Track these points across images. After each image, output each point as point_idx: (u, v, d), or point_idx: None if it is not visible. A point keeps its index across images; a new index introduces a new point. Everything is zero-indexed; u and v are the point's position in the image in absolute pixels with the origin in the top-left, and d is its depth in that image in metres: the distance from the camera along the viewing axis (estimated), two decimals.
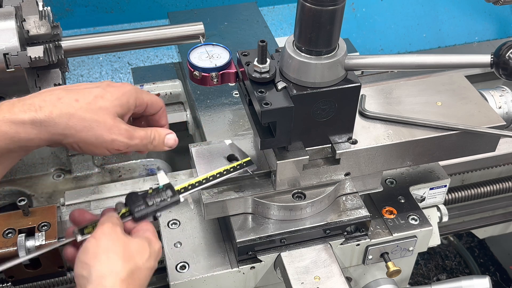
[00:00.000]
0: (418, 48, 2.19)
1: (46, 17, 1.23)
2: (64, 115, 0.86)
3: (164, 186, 1.00)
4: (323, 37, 0.98)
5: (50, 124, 0.85)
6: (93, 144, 0.89)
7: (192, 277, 1.12)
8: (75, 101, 0.87)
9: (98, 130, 0.88)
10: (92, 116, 0.88)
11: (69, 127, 0.86)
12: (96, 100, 0.89)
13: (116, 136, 0.90)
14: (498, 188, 1.69)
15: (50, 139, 0.86)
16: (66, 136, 0.87)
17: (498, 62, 0.97)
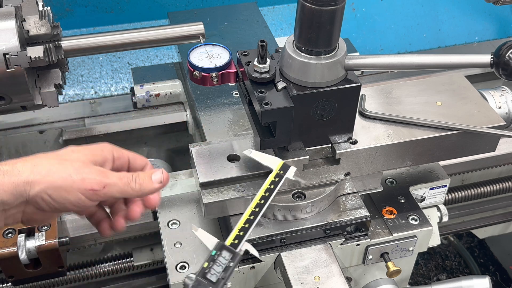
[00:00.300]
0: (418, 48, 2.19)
1: (46, 17, 1.22)
2: (28, 164, 0.81)
3: (216, 251, 0.92)
4: (323, 37, 0.98)
5: (13, 173, 0.80)
6: (63, 187, 0.81)
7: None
8: (43, 156, 0.84)
9: (65, 171, 0.82)
10: (59, 161, 0.83)
11: (33, 173, 0.80)
12: (66, 152, 0.86)
13: (86, 174, 0.83)
14: (498, 188, 1.69)
15: (14, 191, 0.79)
16: (31, 184, 0.80)
17: (498, 62, 0.97)
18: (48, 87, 1.26)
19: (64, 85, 1.32)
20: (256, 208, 0.98)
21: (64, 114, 1.70)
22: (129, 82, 1.97)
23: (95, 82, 1.92)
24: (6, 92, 1.20)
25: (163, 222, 1.23)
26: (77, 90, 1.90)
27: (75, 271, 1.43)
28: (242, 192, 1.12)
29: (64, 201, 0.83)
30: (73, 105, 1.79)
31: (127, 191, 0.88)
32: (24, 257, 1.24)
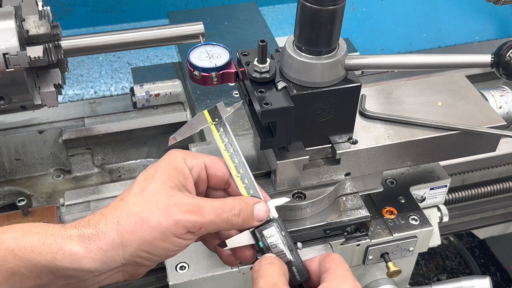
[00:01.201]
0: (419, 48, 2.18)
1: (45, 17, 1.22)
2: (111, 222, 0.73)
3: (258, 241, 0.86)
4: (323, 37, 0.97)
5: (99, 237, 0.72)
6: (158, 238, 0.74)
7: (191, 277, 1.12)
8: (119, 200, 0.76)
9: (153, 219, 0.73)
10: (142, 206, 0.73)
11: (120, 232, 0.72)
12: (141, 186, 0.76)
13: (177, 215, 0.74)
14: (498, 188, 1.69)
15: (105, 259, 0.72)
16: (122, 247, 0.72)
17: (498, 62, 0.97)
18: (48, 87, 1.26)
19: (63, 85, 1.32)
20: (234, 159, 0.91)
21: (64, 114, 1.70)
22: (129, 82, 1.97)
23: (95, 82, 1.92)
24: (5, 92, 1.19)
25: None
26: (77, 90, 1.90)
27: None
28: None
29: (166, 251, 0.78)
30: (73, 105, 1.79)
31: (228, 228, 0.81)
32: None
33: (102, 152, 1.69)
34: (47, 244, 0.70)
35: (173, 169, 0.79)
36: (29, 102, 1.24)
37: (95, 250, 0.72)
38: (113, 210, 0.75)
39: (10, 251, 0.70)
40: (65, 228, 0.73)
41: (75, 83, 1.91)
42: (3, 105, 1.22)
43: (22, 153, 1.62)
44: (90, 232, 0.72)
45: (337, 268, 0.79)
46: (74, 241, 0.71)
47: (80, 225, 0.74)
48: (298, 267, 0.83)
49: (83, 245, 0.71)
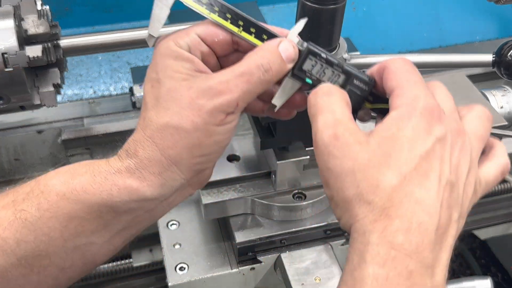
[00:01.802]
0: (419, 48, 2.17)
1: (45, 16, 1.22)
2: (145, 144, 0.68)
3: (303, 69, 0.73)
4: (323, 36, 0.97)
5: (145, 164, 0.68)
6: (201, 138, 0.67)
7: (191, 278, 1.11)
8: (143, 120, 0.70)
9: (185, 122, 0.66)
10: (165, 114, 0.66)
11: (162, 151, 0.67)
12: (155, 93, 0.68)
13: (207, 106, 0.66)
14: (500, 188, 1.69)
15: (160, 183, 0.68)
16: (175, 163, 0.68)
17: (499, 62, 0.97)
18: (47, 87, 1.25)
19: (63, 84, 1.32)
20: (226, 15, 0.74)
21: (63, 114, 1.69)
22: (128, 82, 1.96)
23: (94, 82, 1.91)
24: (4, 92, 1.19)
25: (162, 222, 1.22)
26: (76, 89, 1.89)
27: None
28: (242, 192, 1.11)
29: (216, 144, 0.70)
30: (72, 105, 1.78)
31: (263, 88, 0.70)
32: None
33: (101, 152, 1.69)
34: (98, 182, 0.67)
35: (173, 59, 0.69)
36: (28, 102, 1.24)
37: (148, 177, 0.67)
38: (143, 132, 0.69)
39: (62, 196, 0.66)
40: (110, 163, 0.69)
41: (74, 83, 1.91)
42: (2, 105, 1.21)
43: (21, 153, 1.61)
44: (136, 162, 0.68)
45: (404, 87, 0.66)
46: (124, 175, 0.67)
47: (122, 157, 0.69)
48: (359, 77, 0.73)
49: (135, 176, 0.67)
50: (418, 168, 0.62)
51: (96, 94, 1.90)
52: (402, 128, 0.63)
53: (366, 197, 0.61)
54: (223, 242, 1.19)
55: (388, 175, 0.61)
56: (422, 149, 0.62)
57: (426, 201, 0.62)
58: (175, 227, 1.22)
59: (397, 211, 0.60)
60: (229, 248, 1.18)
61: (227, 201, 1.10)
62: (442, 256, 0.66)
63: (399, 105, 0.65)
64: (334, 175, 0.64)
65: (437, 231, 0.63)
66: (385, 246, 0.59)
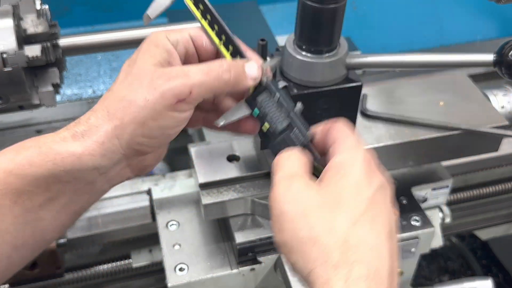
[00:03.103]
0: (420, 47, 2.17)
1: (44, 15, 1.21)
2: (101, 113, 0.71)
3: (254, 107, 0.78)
4: (324, 35, 0.97)
5: (92, 132, 0.70)
6: (147, 118, 0.70)
7: (191, 279, 1.11)
8: (107, 92, 0.73)
9: (138, 96, 0.69)
10: (127, 88, 0.71)
11: (111, 121, 0.69)
12: (128, 70, 0.73)
13: (162, 86, 0.69)
14: (501, 188, 1.68)
15: (103, 151, 0.70)
16: (117, 136, 0.70)
17: (501, 61, 0.96)
18: (46, 87, 1.25)
19: (62, 84, 1.31)
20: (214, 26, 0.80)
21: (62, 113, 1.69)
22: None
23: (93, 81, 1.91)
24: (3, 92, 1.18)
25: (162, 223, 1.22)
26: (75, 89, 1.89)
27: (72, 272, 1.42)
28: (242, 192, 1.11)
29: (160, 130, 0.73)
30: (71, 104, 1.78)
31: (219, 87, 0.74)
32: None
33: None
34: (43, 153, 0.68)
35: (155, 46, 0.74)
36: (27, 101, 1.23)
37: (91, 145, 0.69)
38: (102, 102, 0.73)
39: (9, 173, 0.68)
40: (57, 133, 0.71)
41: (73, 83, 1.90)
42: (1, 105, 1.21)
43: None
44: (83, 129, 0.70)
45: (346, 138, 0.74)
46: (69, 142, 0.69)
47: (71, 126, 0.72)
48: (298, 131, 0.77)
49: (79, 143, 0.69)
50: (367, 213, 0.65)
51: (95, 94, 1.90)
52: (348, 174, 0.69)
53: (322, 239, 0.63)
54: (223, 242, 1.18)
55: (340, 218, 0.64)
56: (368, 194, 0.67)
57: (378, 247, 0.64)
58: (175, 228, 1.21)
59: (355, 256, 0.62)
60: (229, 248, 1.17)
61: (227, 202, 1.10)
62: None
63: (343, 151, 0.72)
64: (288, 218, 0.67)
65: (389, 278, 0.64)
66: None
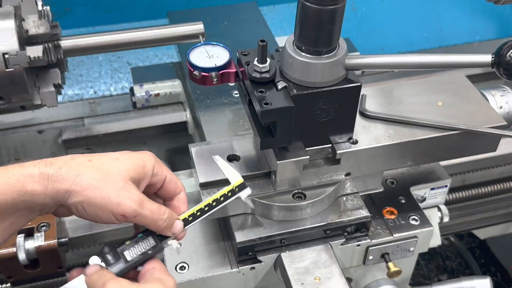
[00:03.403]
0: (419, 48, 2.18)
1: (45, 16, 1.22)
2: (73, 172, 0.82)
3: (143, 234, 0.90)
4: (323, 36, 0.97)
5: (57, 179, 0.81)
6: (98, 205, 0.83)
7: (191, 277, 1.11)
8: (87, 161, 0.85)
9: (105, 190, 0.83)
10: (102, 175, 0.83)
11: (75, 183, 0.81)
12: (110, 162, 0.86)
13: (124, 199, 0.83)
14: (499, 188, 1.69)
15: (55, 197, 0.81)
16: (71, 194, 0.81)
17: (499, 62, 0.97)
18: (47, 87, 1.26)
19: (63, 85, 1.32)
20: (198, 212, 0.95)
21: (63, 114, 1.70)
22: (128, 82, 1.97)
23: (95, 82, 1.92)
24: (5, 92, 1.19)
25: None
26: (76, 90, 1.90)
27: None
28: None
29: (95, 216, 0.85)
30: (72, 105, 1.78)
31: (151, 226, 0.89)
32: (23, 257, 1.23)
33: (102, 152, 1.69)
34: (10, 184, 0.78)
35: (141, 167, 0.89)
36: (29, 102, 1.24)
37: (51, 189, 0.80)
38: (78, 164, 0.83)
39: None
40: (25, 167, 0.80)
41: (74, 83, 1.91)
42: (3, 105, 1.22)
43: (21, 153, 1.62)
44: (51, 173, 0.81)
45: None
46: (35, 180, 0.79)
47: (42, 164, 0.81)
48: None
49: (43, 183, 0.80)
50: None
51: (96, 94, 1.91)
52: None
53: None
54: (223, 242, 1.19)
55: None
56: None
57: None
58: None
59: None
60: (229, 247, 1.18)
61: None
62: None
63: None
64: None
65: None
66: None
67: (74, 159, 0.84)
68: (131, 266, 0.87)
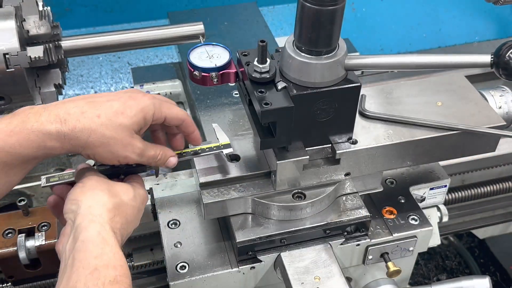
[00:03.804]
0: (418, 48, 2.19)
1: (46, 17, 1.22)
2: (86, 130, 0.91)
3: None
4: (323, 37, 0.98)
5: (72, 138, 0.91)
6: (108, 158, 0.96)
7: (192, 277, 1.12)
8: (97, 117, 0.92)
9: (114, 147, 0.94)
10: (111, 133, 0.93)
11: (88, 143, 0.92)
12: (117, 116, 0.94)
13: (129, 153, 0.96)
14: (498, 188, 1.69)
15: (70, 150, 0.93)
16: (84, 148, 0.93)
17: (498, 62, 0.97)
18: (48, 87, 1.26)
19: (64, 85, 1.32)
20: (183, 153, 1.10)
21: None
22: (129, 82, 1.97)
23: (95, 82, 1.92)
24: (6, 92, 1.19)
25: (163, 222, 1.23)
26: (77, 90, 1.90)
27: None
28: (242, 192, 1.12)
29: (102, 161, 0.98)
30: None
31: (151, 163, 1.03)
32: (24, 257, 1.24)
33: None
34: (31, 140, 0.89)
35: (143, 119, 0.97)
36: (29, 102, 1.24)
37: (67, 145, 0.92)
38: (90, 122, 0.92)
39: (1, 149, 0.88)
40: (43, 125, 0.89)
41: (75, 83, 1.92)
42: (4, 105, 1.22)
43: None
44: (67, 132, 0.90)
45: None
46: (53, 138, 0.89)
47: (57, 122, 0.90)
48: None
49: (60, 141, 0.90)
50: None
51: None
52: None
53: None
54: (223, 241, 1.20)
55: None
56: None
57: None
58: (176, 227, 1.22)
59: None
60: (229, 247, 1.18)
61: (227, 201, 1.11)
62: None
63: None
64: None
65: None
66: None
67: (84, 114, 0.92)
68: (115, 171, 1.03)
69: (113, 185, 0.96)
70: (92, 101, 0.95)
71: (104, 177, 0.98)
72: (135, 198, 0.97)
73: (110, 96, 0.97)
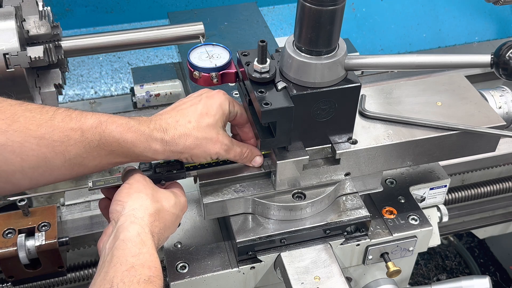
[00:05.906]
0: (418, 48, 2.19)
1: (46, 17, 1.23)
2: (182, 137, 1.01)
3: (175, 161, 1.11)
4: (323, 37, 0.98)
5: (172, 145, 1.01)
6: (202, 156, 1.04)
7: (192, 277, 1.12)
8: (188, 123, 1.02)
9: (207, 146, 1.03)
10: (202, 134, 1.02)
11: (185, 147, 1.02)
12: (203, 118, 1.03)
13: (218, 149, 1.04)
14: (498, 188, 1.69)
15: (169, 156, 1.02)
16: (182, 153, 1.03)
17: (498, 62, 0.97)
18: (48, 87, 1.26)
19: (64, 85, 1.32)
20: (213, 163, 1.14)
21: None
22: (129, 82, 1.98)
23: (95, 82, 1.92)
24: (6, 92, 1.19)
25: None
26: (77, 90, 1.90)
27: (75, 271, 1.43)
28: (242, 192, 1.12)
29: (196, 161, 1.08)
30: (73, 105, 1.79)
31: (237, 160, 1.10)
32: (24, 257, 1.23)
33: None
34: (141, 141, 0.99)
35: (225, 117, 1.06)
36: (29, 102, 1.24)
37: (168, 151, 1.01)
38: (184, 129, 1.02)
39: (116, 141, 0.97)
40: (152, 131, 1.00)
41: (75, 83, 1.92)
42: None
43: None
44: (168, 140, 1.00)
45: None
46: (158, 143, 1.00)
47: (161, 130, 1.01)
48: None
49: (163, 147, 1.00)
50: None
51: (97, 95, 1.91)
52: None
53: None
54: (223, 241, 1.20)
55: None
56: None
57: None
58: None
59: None
60: (229, 247, 1.18)
61: (227, 201, 1.11)
62: None
63: None
64: None
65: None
66: None
67: (178, 122, 1.02)
68: (157, 176, 1.09)
69: (157, 191, 1.01)
70: (180, 109, 1.04)
71: (150, 181, 1.03)
72: (175, 206, 1.02)
73: (192, 101, 1.05)
